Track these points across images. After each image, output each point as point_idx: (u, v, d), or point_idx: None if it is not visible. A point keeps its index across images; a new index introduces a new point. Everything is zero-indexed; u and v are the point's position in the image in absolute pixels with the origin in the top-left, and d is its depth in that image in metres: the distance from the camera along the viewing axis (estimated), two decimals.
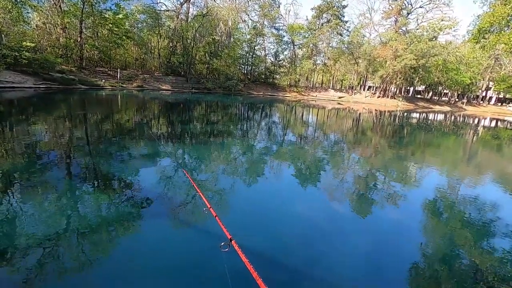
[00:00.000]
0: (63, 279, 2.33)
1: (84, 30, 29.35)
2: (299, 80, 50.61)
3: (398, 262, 3.04)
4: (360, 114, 25.46)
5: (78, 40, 28.73)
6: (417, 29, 44.56)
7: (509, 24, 41.20)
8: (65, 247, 2.71)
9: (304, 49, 49.71)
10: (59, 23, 27.85)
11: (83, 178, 4.51)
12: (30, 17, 27.83)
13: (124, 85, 29.42)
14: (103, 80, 27.77)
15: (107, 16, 29.73)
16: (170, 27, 38.46)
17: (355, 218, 4.06)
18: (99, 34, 31.20)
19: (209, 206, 2.42)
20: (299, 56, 50.49)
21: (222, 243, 1.85)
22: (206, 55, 40.96)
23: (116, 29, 30.42)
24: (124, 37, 31.73)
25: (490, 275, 2.87)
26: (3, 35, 21.46)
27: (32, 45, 22.46)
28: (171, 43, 38.86)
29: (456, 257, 3.20)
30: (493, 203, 5.02)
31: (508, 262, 3.15)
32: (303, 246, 3.12)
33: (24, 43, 21.62)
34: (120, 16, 30.40)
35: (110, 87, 27.30)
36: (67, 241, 2.81)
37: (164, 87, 33.47)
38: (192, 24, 38.30)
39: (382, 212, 4.29)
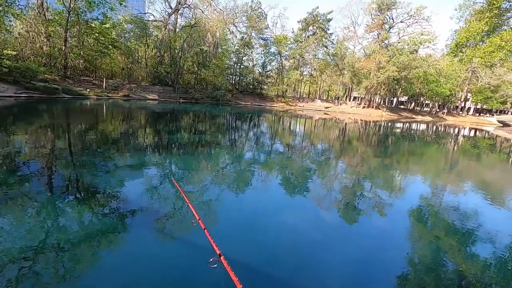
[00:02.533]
0: None
1: (69, 39, 28.89)
2: (286, 91, 51.31)
3: (385, 271, 3.05)
4: (346, 124, 25.97)
5: (63, 49, 28.20)
6: (399, 42, 46.40)
7: (483, 39, 43.52)
8: (44, 263, 2.57)
9: (291, 60, 50.69)
10: (43, 31, 27.32)
11: (63, 190, 4.34)
12: (12, 25, 27.18)
13: (109, 95, 28.94)
14: (88, 90, 27.24)
15: (93, 25, 29.46)
16: (158, 37, 38.45)
17: (347, 228, 4.08)
18: (84, 43, 30.75)
19: (198, 218, 2.35)
20: (286, 67, 51.39)
21: (211, 259, 1.78)
22: (194, 65, 41.04)
23: (102, 38, 30.14)
24: (110, 46, 31.43)
25: (475, 282, 2.92)
26: None
27: (14, 53, 21.87)
28: (158, 53, 38.76)
29: (442, 265, 3.25)
30: (475, 210, 5.17)
31: (491, 268, 3.22)
32: (294, 260, 3.07)
33: (5, 51, 21.03)
34: (107, 25, 30.18)
35: (95, 97, 26.78)
36: (47, 256, 2.67)
37: (150, 97, 33.16)
38: (180, 34, 38.46)
39: (370, 221, 4.33)
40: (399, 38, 47.89)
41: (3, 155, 5.96)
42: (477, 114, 59.90)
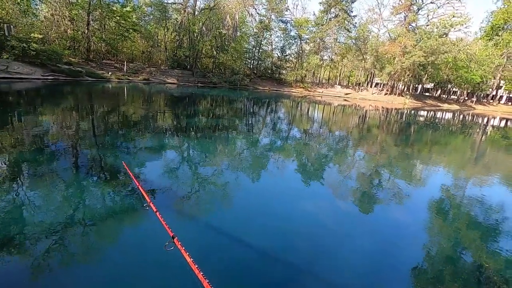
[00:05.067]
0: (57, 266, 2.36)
1: (91, 22, 29.43)
2: (305, 76, 50.12)
3: (401, 262, 3.01)
4: (366, 111, 25.20)
5: (86, 32, 28.83)
6: (427, 25, 43.64)
7: None
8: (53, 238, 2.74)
9: (311, 44, 49.14)
10: (67, 14, 27.95)
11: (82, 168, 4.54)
12: (38, 9, 27.97)
13: (130, 78, 29.51)
14: (109, 73, 27.89)
15: (115, 8, 29.74)
16: (177, 20, 38.34)
17: (359, 217, 4.03)
18: (106, 26, 31.24)
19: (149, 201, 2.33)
20: (306, 51, 49.94)
21: (167, 242, 1.83)
22: (213, 49, 40.79)
23: (123, 21, 30.43)
24: (131, 29, 31.75)
25: (495, 279, 2.82)
26: (12, 26, 21.63)
27: (40, 36, 22.59)
28: (177, 37, 38.76)
29: (461, 259, 3.16)
30: (500, 204, 4.94)
31: None
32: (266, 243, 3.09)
33: (32, 34, 21.76)
34: (128, 8, 30.37)
35: (116, 80, 27.41)
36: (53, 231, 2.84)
37: (169, 81, 33.51)
38: (199, 17, 38.11)
39: (387, 211, 4.25)
40: (428, 20, 45.03)
41: (32, 134, 6.30)
42: (510, 103, 56.08)
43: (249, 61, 48.63)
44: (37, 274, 2.28)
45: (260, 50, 47.34)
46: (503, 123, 26.30)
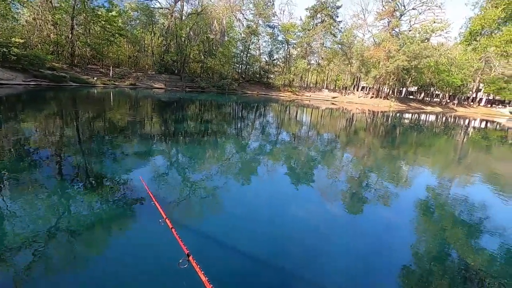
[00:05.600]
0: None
1: (75, 26, 28.89)
2: (293, 80, 50.70)
3: (390, 262, 3.04)
4: (353, 114, 25.63)
5: (70, 37, 28.24)
6: (410, 30, 45.06)
7: (499, 27, 42.05)
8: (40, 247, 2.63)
9: (298, 49, 49.85)
10: (50, 19, 27.32)
11: (65, 176, 4.41)
12: (19, 13, 27.22)
13: (116, 83, 29.04)
14: (95, 78, 27.36)
15: (100, 13, 29.31)
16: (164, 25, 38.13)
17: (347, 219, 4.06)
18: (91, 31, 30.73)
19: (165, 217, 2.30)
20: (293, 56, 50.60)
21: (180, 260, 1.76)
22: (200, 53, 40.73)
23: (108, 26, 30.04)
24: (117, 34, 31.35)
25: (481, 275, 2.89)
26: None
27: (22, 41, 21.96)
28: (164, 41, 38.51)
29: (447, 257, 3.23)
30: (483, 202, 5.09)
31: (498, 261, 3.19)
32: (275, 258, 3.01)
33: (13, 39, 21.13)
34: (113, 13, 30.02)
35: (102, 85, 26.90)
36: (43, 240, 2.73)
37: (157, 86, 33.17)
38: (186, 22, 38.04)
39: (375, 213, 4.30)
40: (410, 26, 46.50)
41: (14, 142, 6.07)
42: (489, 105, 58.35)
43: (237, 65, 48.85)
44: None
45: (248, 55, 47.64)
46: (483, 125, 27.28)
